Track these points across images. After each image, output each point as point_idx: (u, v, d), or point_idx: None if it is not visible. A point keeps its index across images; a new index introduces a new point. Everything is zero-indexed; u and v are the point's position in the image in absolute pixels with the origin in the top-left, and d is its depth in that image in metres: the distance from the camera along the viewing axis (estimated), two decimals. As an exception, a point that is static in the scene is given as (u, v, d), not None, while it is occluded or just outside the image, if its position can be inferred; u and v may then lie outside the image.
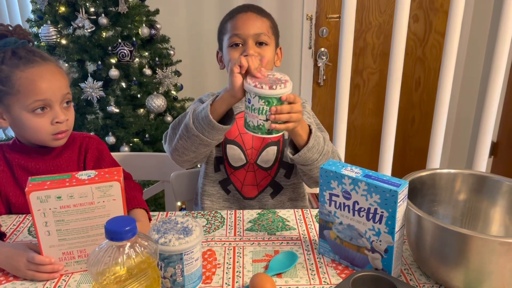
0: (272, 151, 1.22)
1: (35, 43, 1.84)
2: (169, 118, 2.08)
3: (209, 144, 1.08)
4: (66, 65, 1.83)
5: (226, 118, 1.07)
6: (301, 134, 1.04)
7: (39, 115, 1.01)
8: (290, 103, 0.95)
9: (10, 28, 1.06)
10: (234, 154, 1.22)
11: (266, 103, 0.93)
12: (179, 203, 1.77)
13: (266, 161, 1.23)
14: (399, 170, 2.67)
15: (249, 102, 0.95)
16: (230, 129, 1.18)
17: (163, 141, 1.19)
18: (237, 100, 1.02)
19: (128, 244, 0.65)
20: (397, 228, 0.78)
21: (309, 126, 1.07)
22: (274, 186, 1.25)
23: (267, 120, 0.94)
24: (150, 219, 1.05)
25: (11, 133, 2.38)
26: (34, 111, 1.00)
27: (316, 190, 1.43)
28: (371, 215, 0.80)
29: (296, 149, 1.09)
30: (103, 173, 0.84)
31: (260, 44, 1.18)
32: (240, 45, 1.18)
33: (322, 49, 2.64)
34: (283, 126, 0.96)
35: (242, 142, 1.22)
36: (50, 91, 1.00)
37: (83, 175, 0.83)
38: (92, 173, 0.84)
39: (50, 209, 0.80)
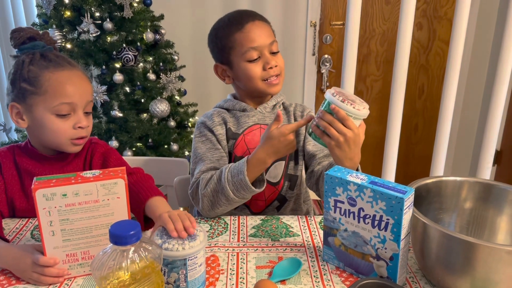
0: (280, 166, 1.21)
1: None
2: (172, 123, 2.08)
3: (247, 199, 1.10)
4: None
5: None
6: (343, 166, 0.96)
7: (62, 118, 1.01)
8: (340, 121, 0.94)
9: (40, 32, 1.07)
10: None
11: (324, 105, 0.96)
12: (181, 208, 1.77)
13: (274, 176, 1.21)
14: (402, 177, 2.66)
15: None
16: (238, 147, 1.20)
17: (192, 199, 1.13)
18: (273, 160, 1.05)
19: (132, 248, 0.64)
20: (402, 235, 0.78)
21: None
22: (280, 199, 1.24)
23: (315, 121, 0.98)
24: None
25: (14, 136, 2.38)
26: (58, 114, 1.00)
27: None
28: (376, 222, 0.80)
29: None
30: (108, 171, 0.84)
31: (273, 53, 1.16)
32: (260, 57, 1.14)
33: (326, 55, 2.64)
34: (319, 132, 0.97)
35: None
36: (77, 95, 1.01)
37: (88, 173, 0.84)
38: (97, 171, 0.84)
39: (55, 207, 0.80)
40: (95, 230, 0.84)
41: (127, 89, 1.94)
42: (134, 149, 1.95)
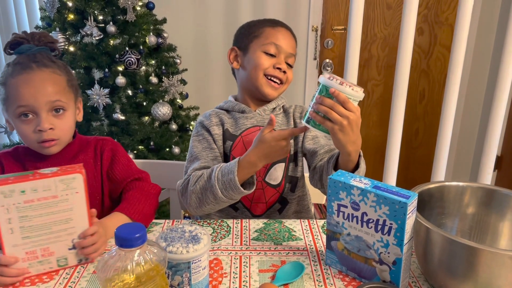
0: (280, 168, 1.21)
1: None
2: (174, 126, 2.08)
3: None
4: (73, 72, 1.84)
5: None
6: (347, 151, 0.95)
7: (24, 121, 1.00)
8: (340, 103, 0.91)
9: (33, 33, 1.06)
10: None
11: (319, 90, 0.93)
12: (182, 212, 1.77)
13: (275, 178, 1.22)
14: (402, 182, 2.67)
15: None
16: (237, 148, 1.20)
17: (180, 196, 1.15)
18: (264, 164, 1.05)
19: (138, 251, 0.65)
20: (405, 240, 0.78)
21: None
22: (281, 201, 1.24)
23: (311, 107, 0.94)
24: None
25: (15, 138, 2.39)
26: (20, 117, 1.00)
27: (322, 200, 1.42)
28: (379, 227, 0.80)
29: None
30: (66, 167, 0.86)
31: (288, 65, 1.22)
32: (275, 56, 1.20)
33: (327, 60, 2.65)
34: (319, 119, 0.92)
35: None
36: (32, 98, 0.98)
37: (47, 170, 0.85)
38: (55, 168, 0.85)
39: (14, 204, 0.81)
40: (54, 226, 0.85)
41: (129, 92, 1.94)
42: (135, 152, 1.96)
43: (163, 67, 2.05)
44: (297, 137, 1.24)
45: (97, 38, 1.86)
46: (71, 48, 1.85)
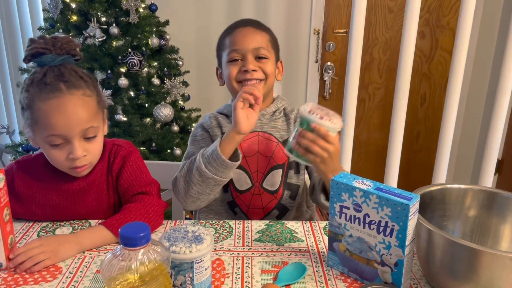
0: (277, 174, 1.21)
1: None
2: (175, 128, 2.09)
3: (223, 183, 1.10)
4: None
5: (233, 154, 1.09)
6: (328, 179, 1.01)
7: (55, 147, 0.97)
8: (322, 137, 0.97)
9: (54, 40, 0.97)
10: (240, 178, 1.20)
11: (300, 123, 0.97)
12: (184, 212, 1.77)
13: (272, 184, 1.21)
14: (403, 185, 2.66)
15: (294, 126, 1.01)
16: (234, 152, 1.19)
17: (173, 188, 1.15)
18: (242, 136, 1.06)
19: (142, 250, 0.65)
20: (407, 241, 0.79)
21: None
22: (280, 208, 1.24)
23: (294, 138, 0.99)
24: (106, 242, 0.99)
25: (17, 138, 2.39)
26: (51, 144, 0.97)
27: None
28: (381, 228, 0.80)
29: (326, 194, 1.11)
30: None
31: (259, 58, 1.18)
32: (240, 60, 1.18)
33: (329, 63, 2.66)
34: (302, 151, 0.99)
35: (248, 165, 1.20)
36: (66, 128, 0.95)
37: None
38: None
39: None
40: None
41: (132, 93, 1.95)
42: (137, 153, 1.96)
43: (165, 69, 2.06)
44: None
45: (100, 39, 1.86)
46: (74, 49, 1.86)
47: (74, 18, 1.86)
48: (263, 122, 1.23)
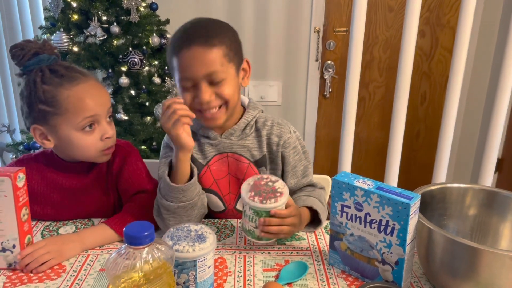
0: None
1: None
2: (176, 127, 2.09)
3: (196, 202, 1.02)
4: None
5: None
6: (300, 229, 1.03)
7: (88, 132, 1.01)
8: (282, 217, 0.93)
9: (39, 42, 1.02)
10: (212, 201, 1.14)
11: (256, 213, 0.93)
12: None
13: None
14: (403, 184, 2.67)
15: (243, 207, 0.96)
16: (205, 177, 1.12)
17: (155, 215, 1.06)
18: (190, 151, 0.99)
19: (146, 249, 0.66)
20: (408, 240, 0.79)
21: (312, 207, 1.04)
22: None
23: (257, 227, 0.93)
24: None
25: (18, 137, 2.40)
26: (84, 129, 1.00)
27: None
28: (382, 227, 0.81)
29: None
30: (3, 169, 0.86)
31: (215, 83, 1.00)
32: (193, 86, 1.01)
33: (329, 61, 2.66)
34: (272, 236, 0.95)
35: (219, 188, 1.14)
36: (98, 107, 1.01)
37: None
38: None
39: None
40: None
41: (132, 92, 1.96)
42: (138, 152, 1.97)
43: (166, 67, 2.07)
44: (275, 172, 1.14)
45: (101, 38, 1.87)
46: (75, 49, 1.86)
47: (75, 17, 1.86)
48: (232, 142, 1.11)
